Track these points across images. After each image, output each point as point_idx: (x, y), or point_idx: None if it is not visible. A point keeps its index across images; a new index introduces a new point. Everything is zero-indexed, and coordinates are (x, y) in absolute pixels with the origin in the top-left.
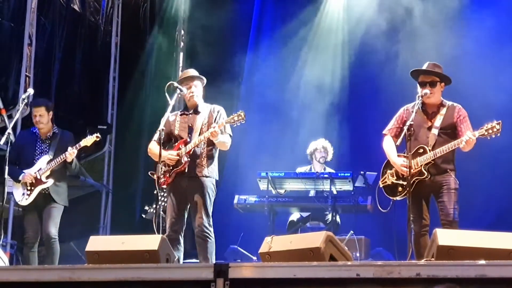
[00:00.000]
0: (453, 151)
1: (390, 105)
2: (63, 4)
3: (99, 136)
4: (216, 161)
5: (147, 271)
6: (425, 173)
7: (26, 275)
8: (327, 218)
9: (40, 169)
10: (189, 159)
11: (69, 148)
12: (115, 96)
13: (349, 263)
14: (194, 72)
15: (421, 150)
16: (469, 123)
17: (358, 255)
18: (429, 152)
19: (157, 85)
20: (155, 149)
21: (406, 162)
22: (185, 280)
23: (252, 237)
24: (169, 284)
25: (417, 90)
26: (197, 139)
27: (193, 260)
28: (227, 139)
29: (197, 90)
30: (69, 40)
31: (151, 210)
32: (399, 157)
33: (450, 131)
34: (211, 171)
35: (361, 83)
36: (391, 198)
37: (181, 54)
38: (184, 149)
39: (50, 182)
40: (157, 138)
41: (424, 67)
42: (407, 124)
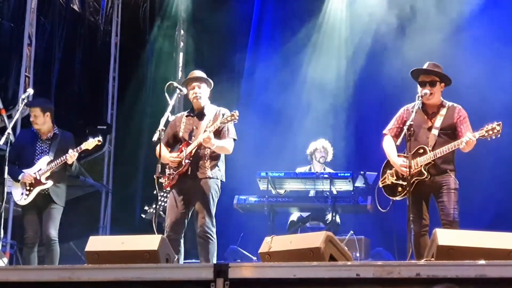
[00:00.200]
0: (453, 152)
1: (391, 105)
2: (62, 4)
3: (101, 140)
4: (221, 162)
5: (147, 271)
6: (425, 173)
7: (26, 275)
8: (327, 218)
9: (40, 169)
10: (189, 161)
11: (70, 151)
12: (114, 96)
13: (349, 263)
14: (200, 73)
15: (421, 151)
16: (469, 124)
17: (358, 255)
18: (429, 152)
19: (156, 85)
20: (161, 150)
21: (406, 162)
22: (185, 280)
23: (252, 237)
24: (169, 284)
25: (417, 90)
26: (197, 142)
27: (193, 260)
28: (227, 143)
29: (201, 91)
30: (68, 40)
31: (151, 210)
32: (399, 157)
33: (450, 131)
34: (214, 172)
35: (361, 83)
36: (391, 198)
37: (181, 54)
38: (185, 152)
39: (50, 183)
40: (163, 139)
41: (424, 67)
42: (407, 124)
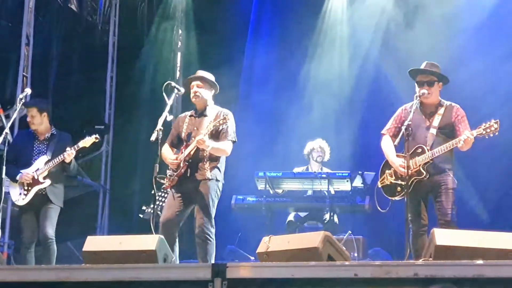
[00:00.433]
0: (451, 151)
1: (389, 104)
2: (60, 4)
3: (98, 137)
4: (221, 164)
5: (144, 271)
6: (424, 173)
7: (24, 275)
8: (325, 218)
9: (38, 169)
10: (187, 163)
11: (67, 149)
12: (112, 96)
13: (347, 263)
14: (203, 73)
15: (419, 150)
16: (467, 122)
17: (356, 255)
18: (428, 151)
19: (154, 85)
20: (164, 152)
21: (404, 162)
22: (183, 280)
23: (250, 237)
24: (167, 284)
25: (415, 89)
26: (194, 143)
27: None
28: (225, 145)
29: (201, 91)
30: (66, 40)
31: (149, 210)
32: (398, 157)
33: (448, 130)
34: (214, 173)
35: (359, 83)
36: (390, 198)
37: (179, 54)
38: (184, 153)
39: (47, 183)
40: (168, 140)
41: (422, 66)
42: (405, 124)
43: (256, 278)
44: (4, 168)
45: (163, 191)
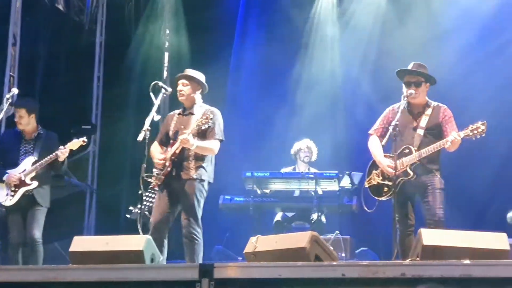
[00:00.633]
0: (438, 151)
1: (376, 105)
2: (47, 3)
3: (86, 141)
4: (207, 163)
5: (131, 272)
6: (411, 173)
7: (11, 275)
8: (312, 218)
9: (25, 170)
10: (172, 162)
11: (60, 147)
12: (99, 96)
13: (334, 263)
14: (190, 71)
15: (406, 150)
16: (454, 123)
17: (343, 255)
18: (415, 152)
19: (142, 85)
20: (152, 150)
21: (392, 162)
22: (170, 280)
23: (238, 237)
24: (154, 285)
25: (403, 90)
26: (179, 143)
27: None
28: (211, 144)
29: (185, 89)
30: (53, 40)
31: (136, 210)
32: (385, 157)
33: (436, 131)
34: (199, 173)
35: (347, 83)
36: (377, 199)
37: (166, 54)
38: (169, 152)
39: (34, 184)
40: (157, 137)
41: (409, 67)
42: (392, 124)
43: (243, 278)
44: None
45: (150, 191)
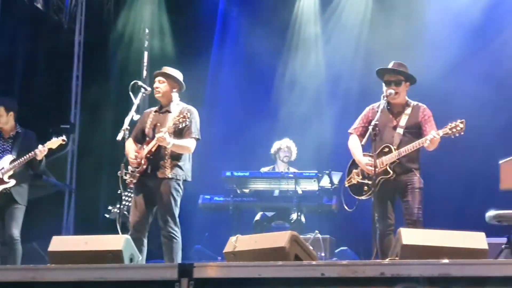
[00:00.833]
0: (417, 150)
1: (356, 104)
2: (26, 2)
3: (65, 140)
4: (184, 162)
5: (110, 271)
6: (390, 172)
7: None
8: (291, 218)
9: (3, 168)
10: (147, 160)
11: (39, 146)
12: (78, 95)
13: (314, 263)
14: (167, 69)
15: (386, 149)
16: (433, 123)
17: (323, 254)
18: (394, 151)
19: (121, 84)
20: (127, 147)
21: (371, 161)
22: (149, 280)
23: (217, 237)
24: (133, 284)
25: (382, 89)
26: (155, 141)
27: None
28: (187, 143)
29: (161, 86)
30: (32, 39)
31: (115, 210)
32: (364, 156)
33: (415, 130)
34: (175, 172)
35: (327, 82)
36: (357, 198)
37: (146, 53)
38: (145, 150)
39: (12, 182)
40: (132, 134)
41: (389, 66)
42: (372, 123)
43: (223, 277)
44: None
45: (129, 191)
